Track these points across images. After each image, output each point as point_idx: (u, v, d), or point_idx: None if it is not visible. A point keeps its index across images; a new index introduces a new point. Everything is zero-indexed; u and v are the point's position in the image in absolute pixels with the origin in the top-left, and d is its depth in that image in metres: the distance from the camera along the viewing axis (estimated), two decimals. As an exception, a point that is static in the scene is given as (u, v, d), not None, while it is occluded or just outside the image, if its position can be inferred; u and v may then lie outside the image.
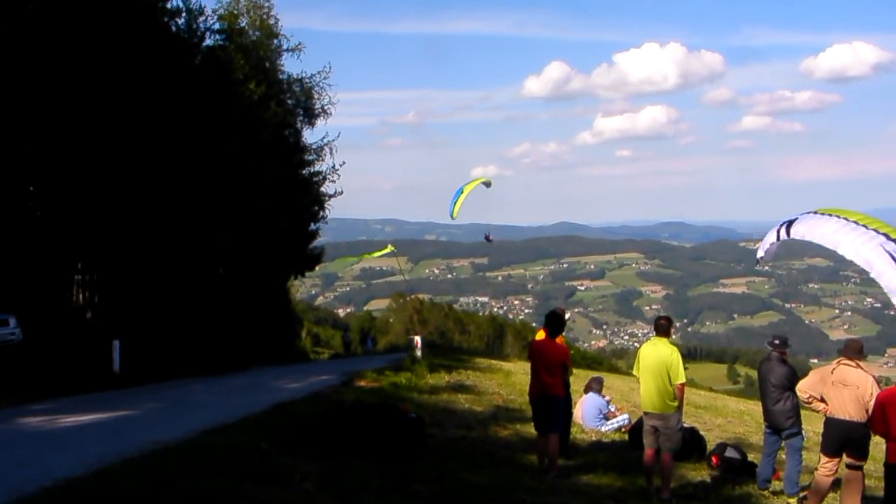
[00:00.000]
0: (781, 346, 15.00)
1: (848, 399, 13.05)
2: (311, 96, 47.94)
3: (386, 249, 38.46)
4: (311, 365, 41.92)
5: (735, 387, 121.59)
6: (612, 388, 29.85)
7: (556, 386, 13.94)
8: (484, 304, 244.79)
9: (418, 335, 37.44)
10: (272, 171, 40.99)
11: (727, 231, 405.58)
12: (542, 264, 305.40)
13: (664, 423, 13.43)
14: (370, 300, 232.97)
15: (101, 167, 28.58)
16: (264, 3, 45.65)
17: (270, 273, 44.68)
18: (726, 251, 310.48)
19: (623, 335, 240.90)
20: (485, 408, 21.18)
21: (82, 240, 29.49)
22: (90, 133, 27.95)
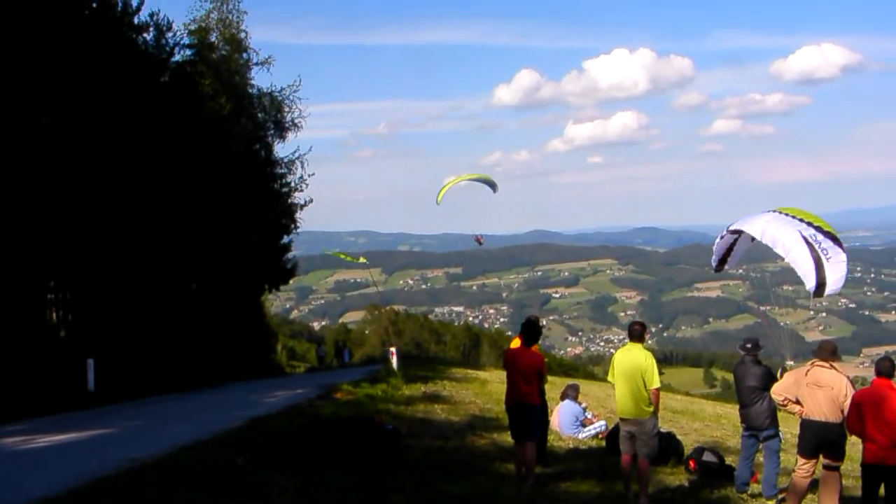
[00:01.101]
0: (753, 349, 15.10)
1: (823, 400, 13.13)
2: (281, 110, 47.93)
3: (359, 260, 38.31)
4: (286, 379, 41.84)
5: (712, 390, 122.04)
6: (588, 394, 29.92)
7: (531, 394, 13.96)
8: (459, 314, 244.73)
9: (393, 347, 37.40)
10: (243, 185, 40.90)
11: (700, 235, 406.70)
12: (517, 272, 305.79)
13: (640, 429, 13.48)
14: (345, 312, 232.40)
15: (73, 183, 28.44)
16: (234, 17, 45.68)
17: (244, 287, 44.56)
18: (700, 255, 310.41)
19: (598, 341, 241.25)
20: (461, 417, 21.20)
21: (54, 257, 29.32)
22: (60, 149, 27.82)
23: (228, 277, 41.46)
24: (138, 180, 31.55)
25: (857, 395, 12.80)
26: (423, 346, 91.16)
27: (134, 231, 31.87)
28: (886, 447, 12.14)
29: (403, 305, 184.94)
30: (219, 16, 45.15)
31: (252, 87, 47.04)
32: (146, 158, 31.88)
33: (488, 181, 27.12)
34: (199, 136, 36.60)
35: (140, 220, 32.06)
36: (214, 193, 37.78)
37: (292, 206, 48.66)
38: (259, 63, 47.16)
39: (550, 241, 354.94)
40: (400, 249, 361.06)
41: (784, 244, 14.94)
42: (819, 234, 14.56)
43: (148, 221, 32.62)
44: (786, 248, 14.87)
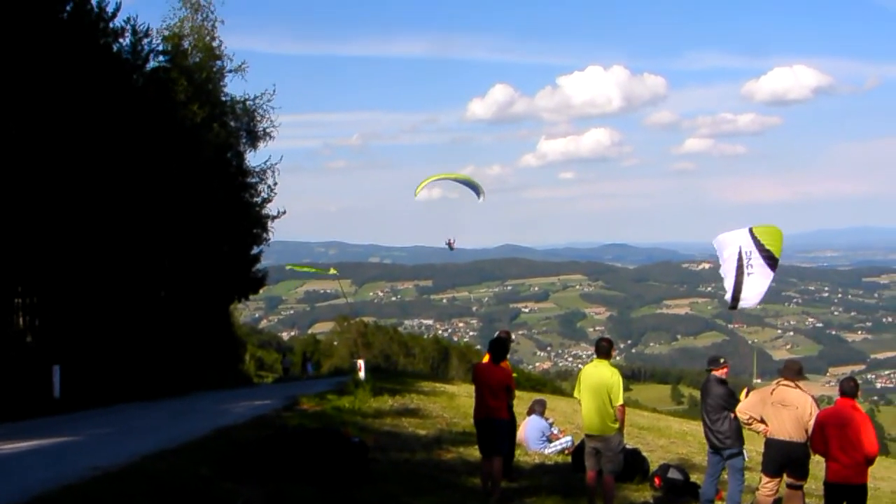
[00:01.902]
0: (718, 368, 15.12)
1: (787, 419, 13.21)
2: (254, 118, 47.81)
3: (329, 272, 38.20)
4: (254, 389, 41.74)
5: (679, 407, 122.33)
6: (555, 410, 29.90)
7: (500, 409, 13.95)
8: (429, 327, 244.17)
9: (362, 359, 37.32)
10: (215, 193, 40.78)
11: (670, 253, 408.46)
12: (487, 286, 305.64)
13: (606, 445, 13.50)
14: (314, 323, 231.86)
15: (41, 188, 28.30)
16: (208, 25, 45.61)
17: (213, 296, 44.38)
18: (669, 272, 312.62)
19: (567, 357, 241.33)
20: (429, 431, 21.18)
21: (22, 263, 29.15)
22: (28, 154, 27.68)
23: (197, 286, 41.28)
24: (109, 186, 31.41)
25: (821, 414, 12.90)
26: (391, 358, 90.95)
27: (103, 237, 31.71)
28: (850, 466, 12.24)
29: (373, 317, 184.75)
30: (193, 23, 45.10)
31: (225, 94, 46.96)
32: (118, 164, 31.75)
33: (473, 185, 26.27)
34: (171, 142, 36.49)
35: (110, 227, 31.91)
36: (185, 201, 37.66)
37: (263, 216, 48.53)
38: (232, 70, 47.12)
39: (521, 256, 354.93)
40: (371, 261, 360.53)
41: (723, 256, 15.35)
42: (755, 252, 14.90)
43: (118, 228, 32.47)
44: (722, 261, 15.25)
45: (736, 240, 15.93)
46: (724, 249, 15.96)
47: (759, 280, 15.62)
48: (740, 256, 15.39)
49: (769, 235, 15.88)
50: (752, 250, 15.50)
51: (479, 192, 25.76)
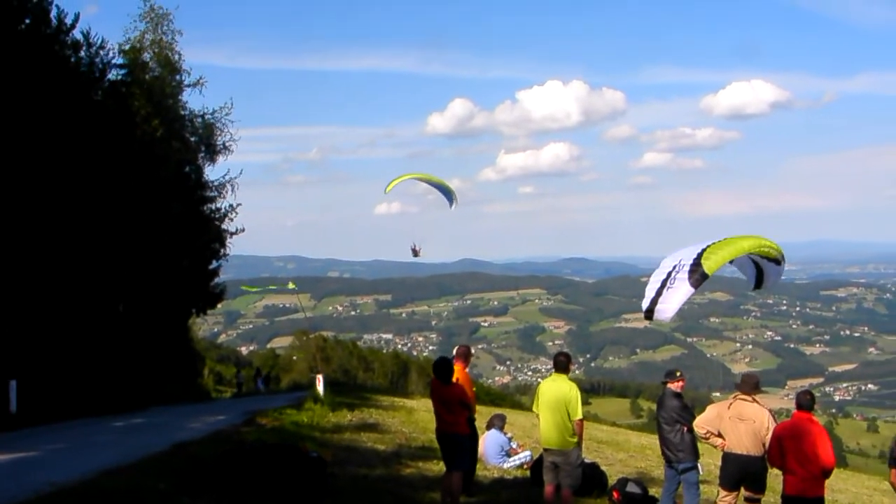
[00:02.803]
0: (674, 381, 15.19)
1: (745, 433, 13.29)
2: (212, 132, 47.59)
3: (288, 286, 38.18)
4: (212, 404, 41.52)
5: (638, 421, 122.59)
6: (514, 424, 29.93)
7: (456, 424, 13.92)
8: (388, 341, 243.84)
9: (320, 373, 37.24)
10: (173, 208, 40.62)
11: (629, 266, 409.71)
12: (446, 301, 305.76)
13: (564, 459, 13.53)
14: (273, 337, 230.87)
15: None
16: (168, 38, 45.44)
17: (171, 311, 44.15)
18: (628, 286, 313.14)
19: (526, 371, 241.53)
20: (388, 446, 21.17)
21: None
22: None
23: (156, 300, 41.06)
24: (67, 200, 31.24)
25: (778, 428, 12.98)
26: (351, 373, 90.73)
27: (61, 251, 31.51)
28: (807, 479, 12.33)
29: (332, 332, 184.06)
30: (153, 37, 44.92)
31: (184, 108, 46.73)
32: (76, 178, 31.58)
33: (447, 190, 25.70)
34: (130, 157, 36.33)
35: (68, 241, 31.72)
36: (144, 216, 37.49)
37: (222, 231, 48.35)
38: (191, 84, 46.87)
39: (480, 270, 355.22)
40: (329, 275, 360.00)
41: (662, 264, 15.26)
42: (689, 266, 14.76)
43: (75, 242, 32.28)
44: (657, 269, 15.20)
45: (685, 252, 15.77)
46: (668, 259, 15.79)
47: (676, 296, 15.51)
48: (672, 269, 15.27)
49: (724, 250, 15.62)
50: (686, 264, 15.35)
51: (452, 198, 25.39)
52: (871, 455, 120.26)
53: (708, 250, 14.58)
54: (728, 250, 14.87)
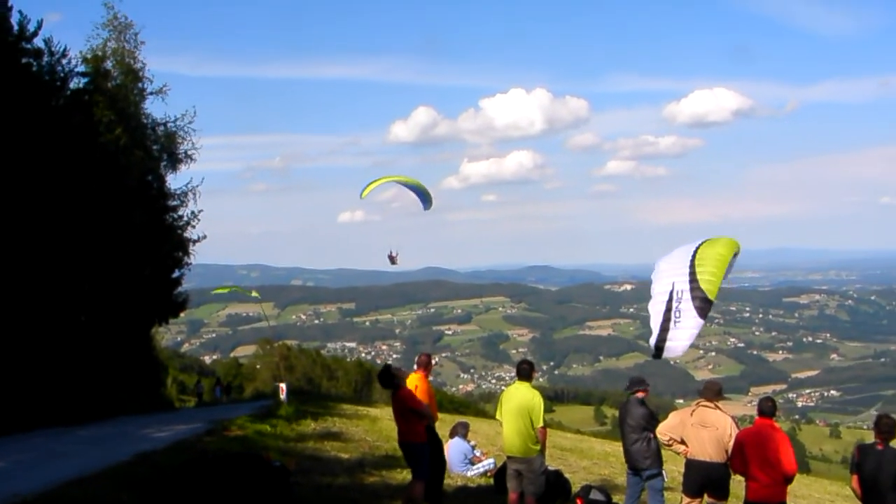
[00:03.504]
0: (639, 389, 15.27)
1: (707, 440, 13.37)
2: (175, 141, 47.38)
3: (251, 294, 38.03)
4: (176, 413, 41.35)
5: (602, 428, 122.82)
6: (478, 432, 30.00)
7: (410, 433, 13.91)
8: (352, 350, 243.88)
9: (283, 382, 37.20)
10: (135, 217, 40.43)
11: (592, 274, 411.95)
12: (410, 309, 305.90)
13: (527, 467, 13.58)
14: (237, 346, 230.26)
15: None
16: (131, 47, 45.23)
17: (134, 320, 43.91)
18: (592, 294, 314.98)
19: (490, 379, 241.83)
20: (351, 455, 21.16)
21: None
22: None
23: (118, 310, 40.85)
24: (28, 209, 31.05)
25: (740, 434, 13.08)
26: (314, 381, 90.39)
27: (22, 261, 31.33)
28: (769, 485, 12.43)
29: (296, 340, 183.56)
30: (116, 45, 44.71)
31: (146, 117, 46.51)
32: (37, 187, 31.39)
33: (423, 191, 25.00)
34: (92, 166, 36.15)
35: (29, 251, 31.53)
36: (106, 225, 37.31)
37: (185, 240, 48.15)
38: (154, 92, 46.65)
39: (444, 279, 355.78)
40: (293, 284, 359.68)
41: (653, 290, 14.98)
42: (688, 293, 14.42)
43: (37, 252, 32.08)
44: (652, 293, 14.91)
45: (672, 272, 15.36)
46: (657, 282, 15.43)
47: (686, 331, 15.19)
48: (671, 299, 14.92)
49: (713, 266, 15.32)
50: (684, 291, 15.00)
51: (427, 200, 24.93)
52: (833, 461, 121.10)
53: (698, 267, 14.45)
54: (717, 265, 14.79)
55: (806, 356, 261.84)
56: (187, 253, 48.50)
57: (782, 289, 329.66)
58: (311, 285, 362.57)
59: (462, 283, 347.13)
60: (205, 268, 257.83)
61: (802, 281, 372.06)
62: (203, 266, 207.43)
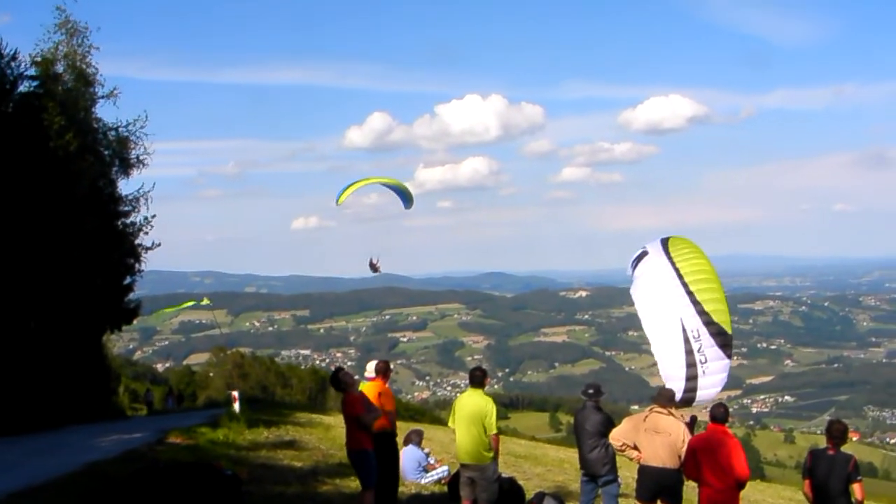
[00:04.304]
0: (595, 395, 15.29)
1: (660, 446, 13.40)
2: (126, 145, 46.92)
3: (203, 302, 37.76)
4: (127, 422, 41.07)
5: (557, 435, 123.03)
6: (432, 439, 29.98)
7: (355, 440, 13.85)
8: (306, 357, 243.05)
9: (236, 390, 36.99)
10: (87, 223, 40.10)
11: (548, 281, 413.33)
12: (365, 316, 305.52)
13: (480, 474, 13.57)
14: (190, 354, 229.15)
15: None
16: (82, 50, 44.82)
17: (85, 327, 43.54)
18: (547, 300, 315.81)
19: (445, 386, 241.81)
20: (304, 463, 21.06)
21: None
22: None
23: (69, 317, 40.51)
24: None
25: (693, 440, 13.16)
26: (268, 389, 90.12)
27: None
28: (722, 491, 12.53)
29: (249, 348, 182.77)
30: (67, 49, 44.30)
31: (97, 121, 46.10)
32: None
33: (402, 190, 24.27)
34: (43, 171, 35.85)
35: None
36: (57, 231, 37.00)
37: (137, 246, 47.77)
38: (105, 96, 46.21)
39: (399, 285, 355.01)
40: (247, 291, 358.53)
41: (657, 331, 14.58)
42: (704, 330, 14.10)
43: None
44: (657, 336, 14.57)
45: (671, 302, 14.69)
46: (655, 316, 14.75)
47: (716, 377, 14.64)
48: (686, 339, 14.64)
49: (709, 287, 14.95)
50: (699, 329, 14.36)
51: (409, 199, 24.50)
52: (787, 466, 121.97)
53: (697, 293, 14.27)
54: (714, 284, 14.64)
55: (760, 362, 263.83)
56: (139, 259, 48.10)
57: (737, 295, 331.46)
58: (265, 292, 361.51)
59: (417, 290, 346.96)
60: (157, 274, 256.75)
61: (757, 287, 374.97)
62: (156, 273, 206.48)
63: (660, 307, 14.71)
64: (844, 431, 12.45)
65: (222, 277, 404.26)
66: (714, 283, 15.11)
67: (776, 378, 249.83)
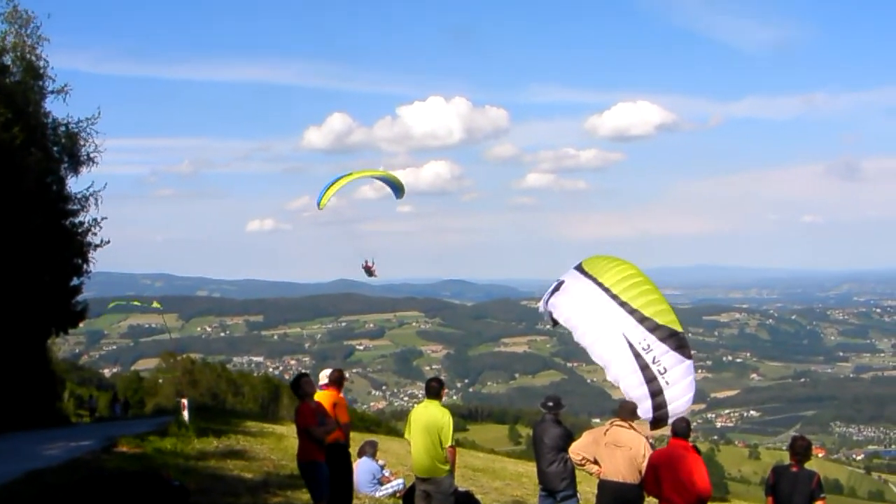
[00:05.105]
0: (555, 408, 15.29)
1: (621, 460, 13.43)
2: (76, 142, 46.60)
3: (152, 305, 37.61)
4: (72, 429, 40.80)
5: (517, 448, 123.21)
6: (388, 451, 29.96)
7: (305, 451, 13.86)
8: (259, 364, 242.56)
9: (185, 398, 36.82)
10: (33, 221, 39.82)
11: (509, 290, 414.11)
12: (320, 322, 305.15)
13: (436, 488, 13.56)
14: (138, 359, 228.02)
15: None
16: (32, 41, 44.47)
17: (29, 330, 43.23)
18: (508, 310, 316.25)
19: (403, 396, 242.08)
20: (255, 474, 20.99)
21: None
22: None
23: (12, 318, 40.21)
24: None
25: (654, 456, 13.19)
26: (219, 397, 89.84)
27: None
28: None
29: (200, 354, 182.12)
30: (15, 39, 43.94)
31: (46, 116, 45.76)
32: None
33: (392, 181, 23.57)
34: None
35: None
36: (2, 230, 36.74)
37: (85, 246, 47.42)
38: (55, 91, 45.87)
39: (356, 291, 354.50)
40: (198, 294, 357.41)
41: (603, 355, 14.45)
42: (650, 336, 13.94)
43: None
44: (606, 360, 14.48)
45: (608, 323, 14.60)
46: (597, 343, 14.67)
47: (680, 386, 14.43)
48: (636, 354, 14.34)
49: (641, 291, 14.80)
50: (645, 338, 14.23)
51: (399, 188, 24.09)
52: (752, 482, 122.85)
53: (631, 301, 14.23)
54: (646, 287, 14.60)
55: (725, 376, 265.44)
56: (87, 260, 47.76)
57: (702, 307, 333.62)
58: (218, 296, 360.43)
59: (375, 297, 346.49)
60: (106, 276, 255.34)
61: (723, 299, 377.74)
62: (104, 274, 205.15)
63: (597, 331, 14.62)
64: (808, 448, 12.51)
65: (173, 280, 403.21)
66: (646, 284, 15.03)
67: (741, 392, 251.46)
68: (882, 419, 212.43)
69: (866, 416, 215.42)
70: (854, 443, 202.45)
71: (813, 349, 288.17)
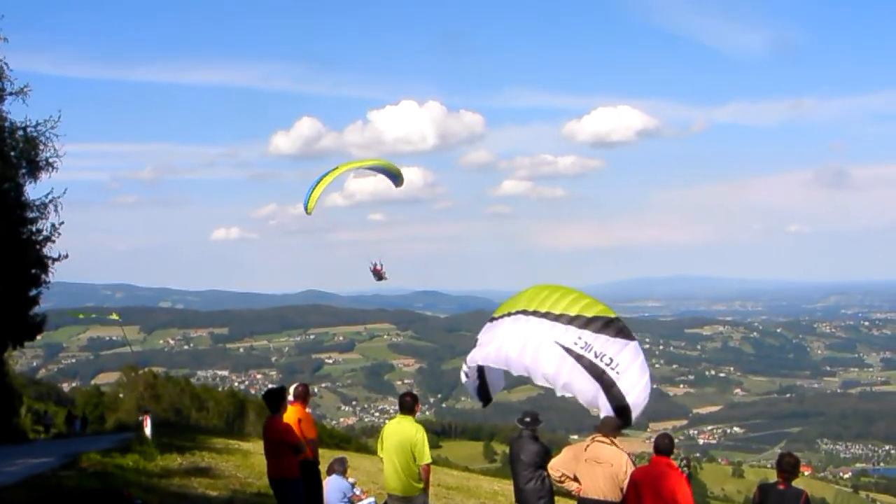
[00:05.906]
0: (532, 424, 15.31)
1: (601, 477, 13.46)
2: (35, 146, 46.45)
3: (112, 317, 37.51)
4: (29, 446, 40.68)
5: (492, 465, 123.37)
6: (358, 468, 29.93)
7: (282, 468, 13.87)
8: (224, 378, 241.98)
9: (148, 413, 36.73)
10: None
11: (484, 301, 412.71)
12: (288, 335, 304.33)
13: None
14: (99, 373, 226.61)
15: None
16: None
17: (-16, 342, 43.16)
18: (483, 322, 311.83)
19: (373, 412, 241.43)
20: (220, 492, 20.99)
21: None
22: None
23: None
24: None
25: (635, 473, 13.23)
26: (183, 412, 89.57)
27: None
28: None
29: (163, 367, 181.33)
30: (-27, 40, 43.80)
31: (4, 119, 45.58)
32: None
33: (389, 169, 23.57)
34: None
35: None
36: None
37: (43, 256, 47.24)
38: (14, 93, 45.71)
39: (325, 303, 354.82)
40: (161, 306, 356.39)
41: (545, 372, 14.43)
42: (584, 332, 13.94)
43: None
44: (550, 376, 14.46)
45: (538, 341, 14.65)
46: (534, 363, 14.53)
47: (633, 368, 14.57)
48: (579, 357, 13.98)
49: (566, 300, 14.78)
50: (580, 337, 14.27)
51: (398, 177, 23.63)
52: (735, 501, 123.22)
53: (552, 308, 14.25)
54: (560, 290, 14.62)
55: (708, 391, 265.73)
56: (46, 270, 47.59)
57: (684, 319, 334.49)
58: (181, 308, 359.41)
59: (344, 308, 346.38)
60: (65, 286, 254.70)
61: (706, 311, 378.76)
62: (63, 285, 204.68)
63: (529, 352, 14.66)
64: (796, 465, 12.56)
65: (135, 291, 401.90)
66: (560, 290, 15.10)
67: (725, 408, 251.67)
68: (870, 436, 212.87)
69: (854, 432, 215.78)
70: (841, 460, 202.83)
71: (799, 363, 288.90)
